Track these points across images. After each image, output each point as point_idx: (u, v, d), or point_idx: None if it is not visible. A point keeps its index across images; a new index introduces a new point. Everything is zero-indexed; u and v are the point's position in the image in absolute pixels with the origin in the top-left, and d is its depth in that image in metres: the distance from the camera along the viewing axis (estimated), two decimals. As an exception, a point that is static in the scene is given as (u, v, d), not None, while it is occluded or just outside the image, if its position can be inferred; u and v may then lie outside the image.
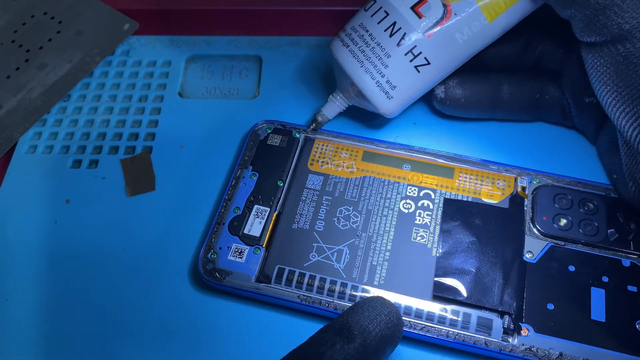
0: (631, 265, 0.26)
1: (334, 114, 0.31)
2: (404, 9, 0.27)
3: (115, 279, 0.28)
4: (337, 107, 0.30)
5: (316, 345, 0.20)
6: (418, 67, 0.27)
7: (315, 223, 0.27)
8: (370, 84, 0.28)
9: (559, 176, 0.29)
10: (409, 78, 0.28)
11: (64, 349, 0.26)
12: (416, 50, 0.27)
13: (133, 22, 0.37)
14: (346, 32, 0.29)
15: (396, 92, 0.28)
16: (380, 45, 0.27)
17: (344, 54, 0.28)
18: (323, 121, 0.31)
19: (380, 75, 0.27)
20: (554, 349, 0.24)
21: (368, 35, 0.28)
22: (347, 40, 0.28)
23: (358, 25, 0.28)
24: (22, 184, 0.31)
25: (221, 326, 0.26)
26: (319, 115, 0.30)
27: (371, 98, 0.28)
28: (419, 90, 0.29)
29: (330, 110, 0.30)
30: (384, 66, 0.27)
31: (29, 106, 0.33)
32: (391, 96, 0.28)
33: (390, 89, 0.28)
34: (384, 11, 0.27)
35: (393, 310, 0.21)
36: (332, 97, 0.30)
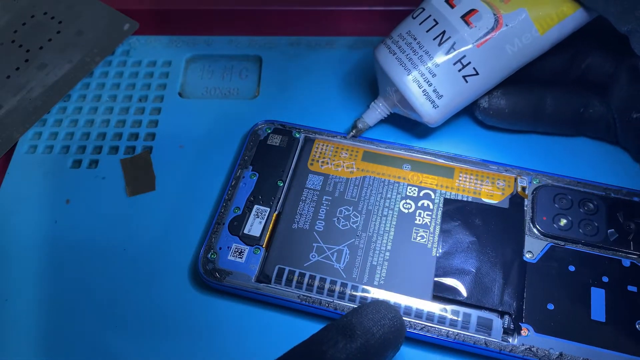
0: (631, 265, 0.26)
1: (374, 121, 0.30)
2: (454, 18, 0.27)
3: (115, 279, 0.28)
4: (379, 114, 0.30)
5: (319, 343, 0.20)
6: (466, 77, 0.27)
7: (315, 223, 0.27)
8: (416, 92, 0.27)
9: (559, 176, 0.29)
10: (457, 88, 0.27)
11: (63, 349, 0.26)
12: (465, 60, 0.27)
13: (133, 22, 0.37)
14: (392, 39, 0.28)
15: (442, 102, 0.28)
16: (428, 54, 0.27)
17: (390, 60, 0.28)
18: (363, 128, 0.30)
19: (428, 84, 0.27)
20: (554, 349, 0.24)
21: (416, 43, 0.27)
22: (394, 47, 0.28)
23: (406, 33, 0.28)
24: (22, 184, 0.31)
25: (221, 326, 0.26)
26: (360, 122, 0.30)
27: (417, 106, 0.28)
28: (465, 101, 0.28)
29: (371, 117, 0.30)
30: (431, 75, 0.27)
31: (29, 106, 0.33)
32: (437, 105, 0.28)
33: (437, 98, 0.27)
34: (433, 19, 0.27)
35: (397, 315, 0.21)
36: (374, 104, 0.30)
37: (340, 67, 0.35)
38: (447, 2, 0.27)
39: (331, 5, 0.37)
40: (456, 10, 0.27)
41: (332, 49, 0.36)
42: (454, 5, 0.27)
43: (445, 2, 0.27)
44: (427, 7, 0.28)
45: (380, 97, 0.30)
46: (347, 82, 0.34)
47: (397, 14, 0.37)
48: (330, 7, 0.37)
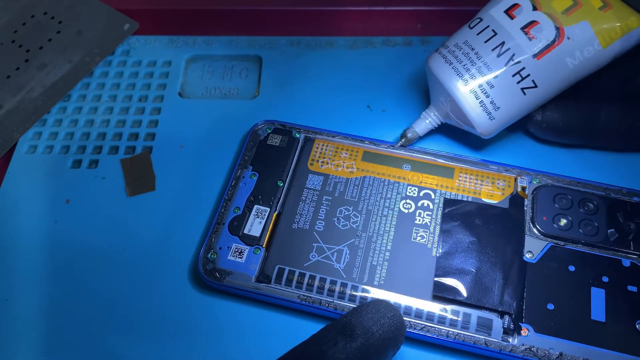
0: (631, 265, 0.26)
1: (425, 131, 0.30)
2: (514, 29, 0.26)
3: (115, 279, 0.28)
4: (430, 124, 0.30)
5: (318, 343, 0.20)
6: (524, 90, 0.27)
7: (315, 223, 0.27)
8: (473, 104, 0.27)
9: (559, 176, 0.29)
10: (514, 100, 0.27)
11: (63, 348, 0.26)
12: (524, 72, 0.27)
13: (133, 22, 0.37)
14: (448, 49, 0.28)
15: (499, 113, 0.27)
16: (487, 65, 0.27)
17: (446, 70, 0.28)
18: (413, 138, 0.30)
19: (485, 95, 0.27)
20: (554, 349, 0.24)
21: (474, 54, 0.27)
22: (450, 57, 0.28)
23: (462, 43, 0.28)
24: (22, 184, 0.31)
25: (221, 326, 0.26)
26: (409, 132, 0.30)
27: (472, 118, 0.28)
28: (521, 113, 0.28)
29: (422, 126, 0.30)
30: (489, 86, 0.27)
31: (29, 106, 0.33)
32: (493, 117, 0.27)
33: (494, 109, 0.27)
34: (492, 30, 0.27)
35: (397, 314, 0.21)
36: (425, 114, 0.30)
37: (341, 67, 0.35)
38: (507, 13, 0.27)
39: (331, 5, 0.37)
40: (516, 21, 0.26)
41: (332, 49, 0.36)
42: (513, 17, 0.27)
43: (504, 13, 0.27)
44: (486, 17, 0.27)
45: (432, 107, 0.30)
46: (347, 82, 0.34)
47: (397, 14, 0.37)
48: (330, 7, 0.37)
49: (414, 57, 0.35)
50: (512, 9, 0.27)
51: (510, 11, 0.27)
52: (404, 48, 0.35)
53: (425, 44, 0.35)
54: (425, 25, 0.37)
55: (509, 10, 0.27)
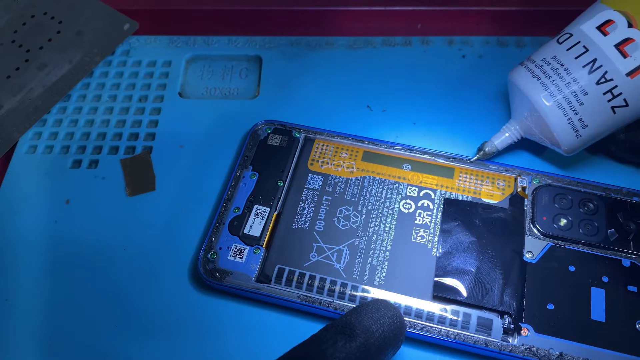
0: (631, 265, 0.26)
1: (504, 145, 0.29)
2: (607, 46, 0.26)
3: (115, 279, 0.28)
4: (510, 138, 0.29)
5: (318, 343, 0.20)
6: (615, 108, 0.26)
7: (315, 223, 0.27)
8: (560, 120, 0.27)
9: (559, 176, 0.29)
10: (603, 118, 0.26)
11: (63, 348, 0.26)
12: (616, 91, 0.26)
13: (133, 22, 0.37)
14: (536, 63, 0.27)
15: (586, 131, 0.27)
16: (576, 81, 0.26)
17: (533, 85, 0.27)
18: (491, 152, 0.29)
19: (574, 112, 0.26)
20: (554, 349, 0.24)
21: (563, 69, 0.26)
22: (538, 72, 0.27)
23: (551, 58, 0.27)
24: (22, 184, 0.31)
25: (221, 326, 0.26)
26: (488, 145, 0.29)
27: (558, 135, 0.27)
28: (607, 132, 0.27)
29: (502, 141, 0.29)
30: (578, 103, 0.26)
31: (29, 106, 0.33)
32: (580, 135, 0.27)
33: (582, 127, 0.27)
34: (583, 46, 0.26)
35: (397, 314, 0.21)
36: (506, 128, 0.29)
37: (341, 67, 0.35)
38: (599, 29, 0.26)
39: (331, 5, 0.37)
40: (609, 38, 0.26)
41: (332, 49, 0.36)
42: (607, 33, 0.26)
43: (596, 29, 0.26)
44: (576, 33, 0.27)
45: (514, 121, 0.29)
46: (347, 82, 0.34)
47: (397, 14, 0.37)
48: (330, 7, 0.37)
49: (414, 57, 0.35)
50: (605, 25, 0.26)
51: (603, 27, 0.26)
52: (404, 48, 0.35)
53: (425, 44, 0.35)
54: (425, 25, 0.37)
55: (602, 27, 0.26)
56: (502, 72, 0.34)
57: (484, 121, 0.32)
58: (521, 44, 0.35)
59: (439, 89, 0.33)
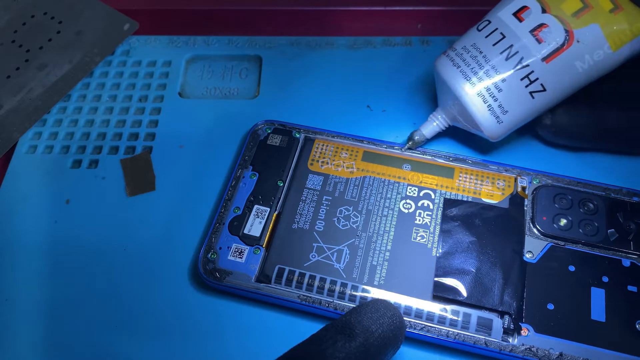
0: (631, 265, 0.26)
1: (432, 134, 0.30)
2: (523, 32, 0.26)
3: (115, 279, 0.28)
4: (437, 127, 0.30)
5: (318, 342, 0.20)
6: (533, 93, 0.27)
7: (315, 223, 0.27)
8: (481, 107, 0.27)
9: (559, 176, 0.29)
10: (522, 104, 0.27)
11: (63, 348, 0.26)
12: (533, 76, 0.26)
13: (133, 22, 0.37)
14: (456, 52, 0.28)
15: (507, 117, 0.27)
16: (494, 68, 0.26)
17: (453, 73, 0.27)
18: (420, 140, 0.29)
19: (493, 99, 0.27)
20: (554, 349, 0.24)
21: (482, 57, 0.27)
22: (458, 60, 0.27)
23: (470, 46, 0.27)
24: (22, 184, 0.31)
25: (221, 326, 0.26)
26: (416, 134, 0.29)
27: (480, 122, 0.27)
28: (529, 117, 0.28)
29: (429, 129, 0.30)
30: (497, 90, 0.27)
31: (29, 106, 0.33)
32: (501, 121, 0.27)
33: (502, 113, 0.27)
34: (500, 33, 0.27)
35: (396, 313, 0.21)
36: (432, 116, 0.30)
37: (340, 67, 0.35)
38: (515, 16, 0.26)
39: (331, 5, 0.37)
40: (525, 24, 0.26)
41: (332, 49, 0.36)
42: (522, 19, 0.26)
43: (513, 16, 0.27)
44: (494, 20, 0.27)
45: (440, 109, 0.29)
46: (347, 82, 0.34)
47: (397, 14, 0.37)
48: (330, 7, 0.37)
49: (414, 57, 0.35)
50: (520, 12, 0.27)
51: (519, 14, 0.27)
52: (404, 48, 0.35)
53: (425, 44, 0.35)
54: (425, 25, 0.37)
55: (517, 13, 0.27)
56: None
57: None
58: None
59: (439, 89, 0.33)
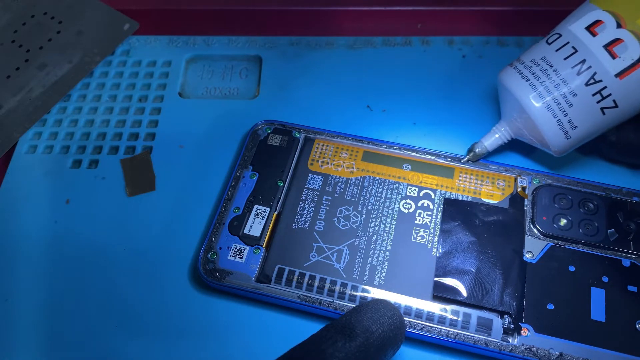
0: (631, 265, 0.26)
1: (494, 147, 0.29)
2: (596, 47, 0.25)
3: (115, 279, 0.28)
4: (500, 140, 0.29)
5: (318, 342, 0.20)
6: (604, 109, 0.26)
7: (315, 223, 0.27)
8: (550, 122, 0.26)
9: (559, 176, 0.29)
10: (592, 120, 0.26)
11: (63, 348, 0.26)
12: (605, 92, 0.26)
13: (133, 22, 0.37)
14: (524, 64, 0.27)
15: (575, 133, 0.27)
16: (565, 82, 0.26)
17: (522, 86, 0.27)
18: (481, 153, 0.29)
19: (563, 114, 0.26)
20: (554, 349, 0.24)
21: (552, 70, 0.26)
22: (526, 73, 0.27)
23: (540, 59, 0.27)
24: (22, 184, 0.31)
25: (221, 326, 0.26)
26: (478, 146, 0.29)
27: (548, 136, 0.27)
28: (597, 133, 0.27)
29: (491, 142, 0.29)
30: (567, 104, 0.26)
31: (29, 106, 0.33)
32: (569, 136, 0.27)
33: (571, 128, 0.26)
34: (572, 47, 0.26)
35: (396, 313, 0.21)
36: (495, 129, 0.29)
37: (341, 67, 0.35)
38: (588, 30, 0.26)
39: (331, 5, 0.37)
40: (598, 38, 0.26)
41: (332, 49, 0.36)
42: (595, 34, 0.26)
43: (585, 30, 0.26)
44: (565, 33, 0.27)
45: (503, 122, 0.29)
46: (347, 82, 0.34)
47: (397, 14, 0.37)
48: (330, 7, 0.37)
49: (414, 57, 0.35)
50: (594, 26, 0.26)
51: (592, 28, 0.26)
52: (404, 48, 0.35)
53: (425, 44, 0.35)
54: (425, 25, 0.37)
55: (590, 27, 0.26)
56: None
57: (485, 121, 0.32)
58: (521, 44, 0.35)
59: (439, 89, 0.33)
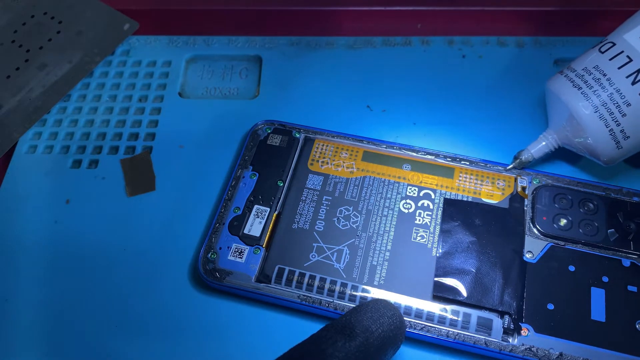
0: (631, 265, 0.26)
1: (540, 154, 0.29)
2: None
3: (115, 279, 0.28)
4: (546, 148, 0.29)
5: (318, 342, 0.20)
6: None
7: (315, 223, 0.27)
8: (602, 131, 0.26)
9: (559, 176, 0.29)
10: None
11: (63, 349, 0.26)
12: None
13: (133, 22, 0.37)
14: (576, 72, 0.27)
15: (627, 143, 0.26)
16: (619, 92, 0.26)
17: (573, 94, 0.26)
18: (527, 160, 0.29)
19: (616, 124, 0.26)
20: (554, 349, 0.24)
21: (605, 80, 0.26)
22: (578, 81, 0.27)
23: (592, 67, 0.27)
24: (22, 184, 0.31)
25: (221, 326, 0.26)
26: (524, 154, 0.29)
27: (599, 146, 0.27)
28: None
29: (538, 149, 0.29)
30: (621, 114, 0.26)
31: (29, 106, 0.33)
32: (621, 146, 0.26)
33: (623, 139, 0.26)
34: (627, 56, 0.26)
35: (396, 313, 0.21)
36: (543, 136, 0.29)
37: (341, 67, 0.35)
38: None
39: (331, 5, 0.37)
40: None
41: (332, 49, 0.36)
42: None
43: None
44: (619, 42, 0.26)
45: (551, 130, 0.29)
46: (347, 82, 0.34)
47: (397, 14, 0.37)
48: (330, 7, 0.37)
49: (414, 57, 0.35)
50: None
51: None
52: (404, 48, 0.35)
53: (425, 44, 0.35)
54: (425, 25, 0.37)
55: None
56: (502, 72, 0.34)
57: (485, 121, 0.32)
58: (521, 44, 0.35)
59: (439, 89, 0.33)
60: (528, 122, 0.32)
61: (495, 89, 0.33)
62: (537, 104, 0.32)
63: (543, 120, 0.32)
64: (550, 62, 0.34)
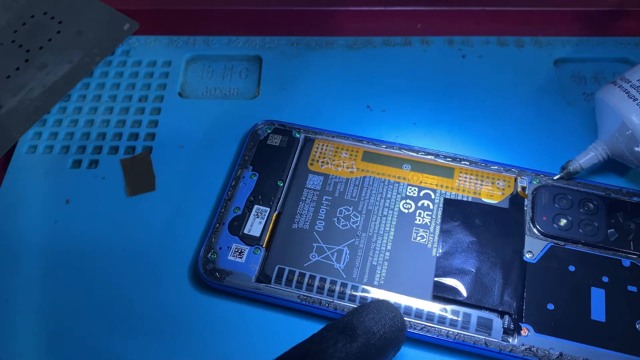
0: (631, 265, 0.26)
1: (589, 165, 0.28)
2: None
3: (115, 279, 0.28)
4: (595, 158, 0.28)
5: (319, 342, 0.20)
6: None
7: (315, 223, 0.27)
8: None
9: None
10: None
11: (63, 349, 0.26)
12: None
13: (133, 22, 0.37)
14: (631, 84, 0.27)
15: None
16: None
17: (629, 106, 0.26)
18: (575, 171, 0.28)
19: None
20: (554, 349, 0.24)
21: None
22: (634, 93, 0.26)
23: None
24: (22, 184, 0.31)
25: (221, 326, 0.26)
26: (572, 164, 0.28)
27: None
28: None
29: (586, 160, 0.28)
30: None
31: (29, 106, 0.33)
32: None
33: None
34: None
35: (398, 315, 0.21)
36: (592, 147, 0.29)
37: (341, 67, 0.35)
38: None
39: (331, 5, 0.37)
40: None
41: (332, 49, 0.36)
42: None
43: None
44: None
45: (601, 141, 0.28)
46: (347, 82, 0.34)
47: (397, 14, 0.37)
48: (330, 7, 0.37)
49: (414, 57, 0.35)
50: None
51: None
52: (404, 48, 0.35)
53: (425, 44, 0.35)
54: (425, 25, 0.37)
55: None
56: (502, 72, 0.34)
57: (485, 121, 0.32)
58: (521, 44, 0.35)
59: (439, 89, 0.34)
60: (528, 122, 0.32)
61: (495, 89, 0.33)
62: (537, 104, 0.33)
63: (543, 120, 0.32)
64: (550, 62, 0.34)
